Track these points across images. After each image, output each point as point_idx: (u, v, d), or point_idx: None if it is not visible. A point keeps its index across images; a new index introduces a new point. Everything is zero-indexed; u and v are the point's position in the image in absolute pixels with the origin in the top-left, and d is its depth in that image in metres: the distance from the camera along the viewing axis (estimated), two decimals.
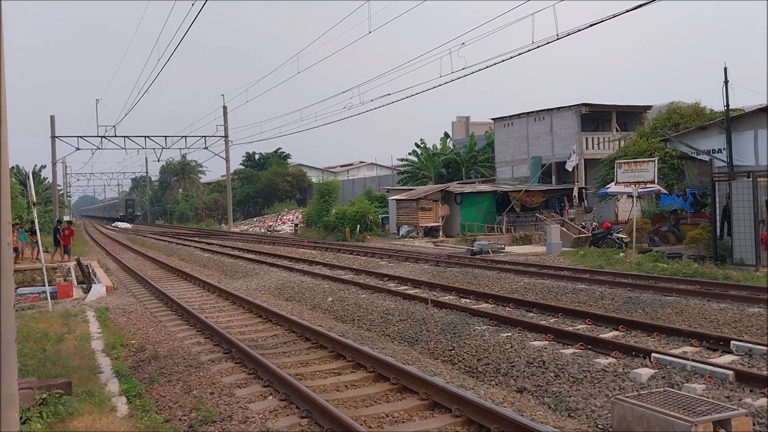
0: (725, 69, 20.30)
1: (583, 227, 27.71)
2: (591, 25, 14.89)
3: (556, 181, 36.44)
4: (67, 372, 8.66)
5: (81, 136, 51.34)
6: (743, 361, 8.83)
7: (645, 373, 8.27)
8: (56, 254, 27.14)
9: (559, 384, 8.42)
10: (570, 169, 32.90)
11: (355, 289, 16.68)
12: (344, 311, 14.31)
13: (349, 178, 74.87)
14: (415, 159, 48.56)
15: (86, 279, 21.04)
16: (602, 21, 14.59)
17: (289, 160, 79.42)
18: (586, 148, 34.92)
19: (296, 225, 50.70)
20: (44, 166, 56.32)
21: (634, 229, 20.53)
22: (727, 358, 9.00)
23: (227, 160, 57.03)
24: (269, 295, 17.53)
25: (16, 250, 24.00)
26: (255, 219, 67.13)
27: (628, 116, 37.49)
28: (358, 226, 37.69)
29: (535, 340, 10.28)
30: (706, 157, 21.53)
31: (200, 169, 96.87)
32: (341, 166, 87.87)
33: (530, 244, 29.30)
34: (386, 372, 8.39)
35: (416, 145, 48.07)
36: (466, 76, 25.96)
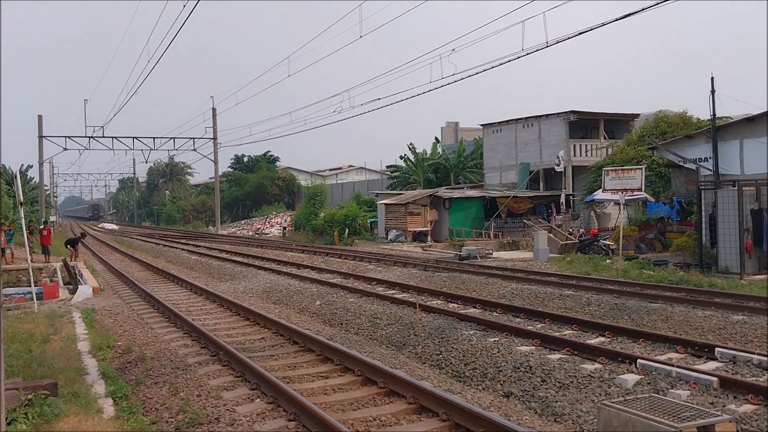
0: (712, 79, 20.53)
1: (570, 234, 27.86)
2: (579, 34, 15.03)
3: (544, 188, 36.62)
4: (53, 373, 8.61)
5: (69, 137, 50.96)
6: (727, 368, 8.92)
7: (631, 378, 8.34)
8: (73, 257, 27.11)
9: (546, 389, 8.47)
10: (557, 170, 33.06)
11: (343, 292, 16.68)
12: (332, 315, 14.31)
13: (338, 181, 74.82)
14: (405, 164, 48.64)
15: (72, 280, 20.88)
16: (591, 29, 14.73)
17: (277, 163, 79.33)
18: (574, 155, 35.11)
19: (284, 228, 50.60)
20: (31, 166, 55.87)
21: (621, 236, 20.66)
22: (711, 365, 9.09)
23: (215, 162, 56.82)
24: (257, 298, 17.50)
25: (3, 251, 23.79)
26: (243, 222, 66.92)
27: (615, 124, 37.75)
28: (347, 229, 37.68)
29: (522, 345, 10.33)
30: (692, 166, 21.74)
31: (188, 170, 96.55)
32: (330, 170, 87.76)
33: (518, 249, 29.41)
34: (374, 376, 8.40)
35: (408, 148, 48.19)
36: (456, 81, 26.04)
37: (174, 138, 53.77)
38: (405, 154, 48.31)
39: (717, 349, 9.54)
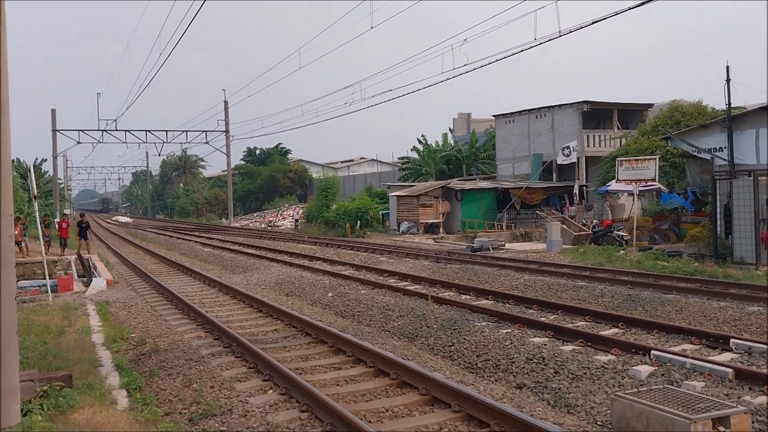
0: (727, 67, 20.31)
1: (584, 225, 27.72)
2: (593, 23, 14.87)
3: (557, 179, 36.43)
4: (67, 365, 8.68)
5: (82, 130, 51.26)
6: (743, 359, 8.85)
7: (644, 370, 8.28)
8: (82, 248, 27.35)
9: (559, 380, 8.43)
10: (559, 162, 32.89)
11: (355, 284, 16.69)
12: (344, 307, 14.33)
13: (350, 174, 74.82)
14: (416, 155, 48.55)
15: (87, 272, 21.06)
16: (604, 18, 14.57)
17: (289, 156, 79.43)
18: (588, 146, 34.88)
19: (296, 220, 50.71)
20: (45, 160, 56.21)
21: (635, 227, 20.52)
22: (726, 356, 9.01)
23: (228, 155, 56.94)
24: (269, 290, 17.55)
25: (19, 243, 24.01)
26: (255, 214, 67.13)
27: (629, 114, 37.44)
28: (359, 222, 37.70)
29: (534, 336, 10.29)
30: (707, 156, 21.54)
31: (201, 163, 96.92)
32: (342, 162, 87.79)
33: (531, 241, 29.29)
34: (386, 367, 8.40)
35: (418, 140, 48.07)
36: (467, 72, 25.92)
37: (186, 131, 53.94)
38: (416, 146, 48.22)
39: (732, 340, 9.45)
